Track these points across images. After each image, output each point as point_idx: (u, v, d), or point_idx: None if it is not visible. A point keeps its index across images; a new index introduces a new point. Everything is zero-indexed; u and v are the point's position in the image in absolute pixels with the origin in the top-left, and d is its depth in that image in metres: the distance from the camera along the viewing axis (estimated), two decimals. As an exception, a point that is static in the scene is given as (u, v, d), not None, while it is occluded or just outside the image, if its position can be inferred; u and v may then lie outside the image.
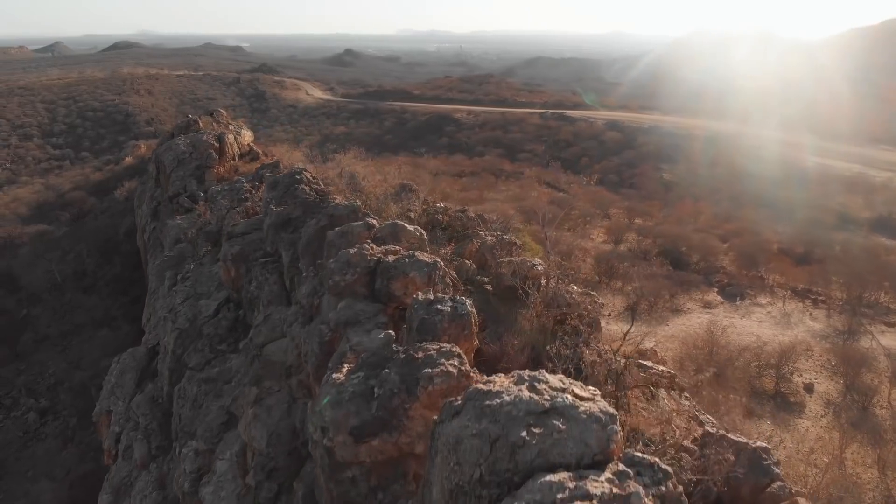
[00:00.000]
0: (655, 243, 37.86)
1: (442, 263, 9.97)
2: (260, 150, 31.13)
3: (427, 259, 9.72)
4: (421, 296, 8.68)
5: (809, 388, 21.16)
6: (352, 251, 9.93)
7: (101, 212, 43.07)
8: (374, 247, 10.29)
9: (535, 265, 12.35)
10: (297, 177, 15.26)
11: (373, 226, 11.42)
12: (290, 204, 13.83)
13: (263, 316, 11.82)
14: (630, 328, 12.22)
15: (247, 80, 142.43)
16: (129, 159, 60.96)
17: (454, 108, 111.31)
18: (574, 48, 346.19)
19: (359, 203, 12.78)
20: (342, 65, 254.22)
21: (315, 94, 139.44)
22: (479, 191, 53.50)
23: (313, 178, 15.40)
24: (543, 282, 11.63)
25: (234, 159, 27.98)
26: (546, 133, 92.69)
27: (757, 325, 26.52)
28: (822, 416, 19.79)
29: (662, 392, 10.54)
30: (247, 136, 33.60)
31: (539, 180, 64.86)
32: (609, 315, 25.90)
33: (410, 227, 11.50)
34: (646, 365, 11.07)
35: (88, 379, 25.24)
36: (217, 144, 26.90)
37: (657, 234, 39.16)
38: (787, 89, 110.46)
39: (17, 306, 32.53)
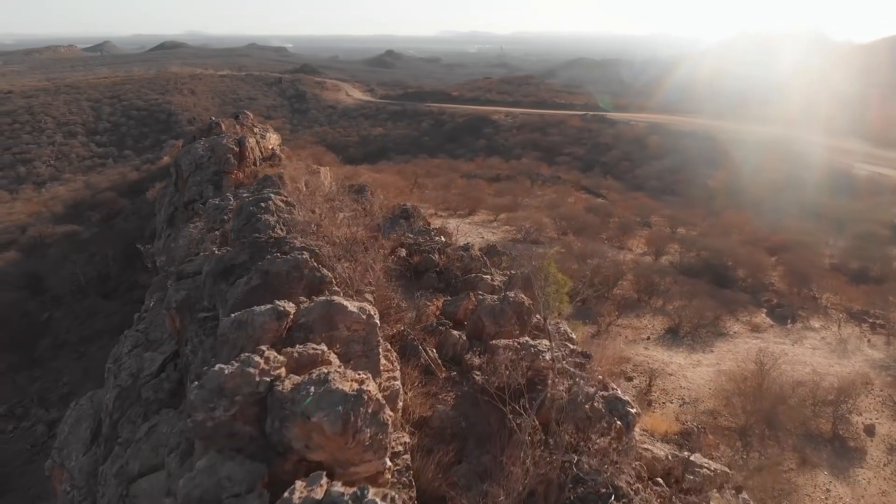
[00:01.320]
0: (699, 256, 35.48)
1: (374, 392, 6.10)
2: (284, 156, 29.83)
3: (346, 389, 5.87)
4: (317, 489, 5.09)
5: (870, 431, 18.84)
6: (228, 370, 6.06)
7: (130, 213, 42.54)
8: (273, 357, 6.40)
9: (540, 352, 9.23)
10: (262, 204, 12.06)
11: (286, 313, 7.45)
12: (238, 244, 10.61)
13: (148, 426, 8.34)
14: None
15: (288, 80, 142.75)
16: (165, 159, 60.78)
17: (492, 110, 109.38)
18: (617, 50, 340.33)
19: (315, 249, 9.60)
20: (383, 66, 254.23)
21: (355, 94, 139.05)
22: (514, 196, 51.57)
23: (286, 202, 12.71)
24: (550, 382, 8.69)
25: (254, 164, 26.70)
26: (586, 136, 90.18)
27: (811, 352, 24.17)
28: (884, 465, 17.52)
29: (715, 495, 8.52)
30: (272, 139, 32.38)
31: (577, 185, 62.63)
32: (648, 338, 23.88)
33: (353, 308, 7.56)
34: (695, 465, 8.94)
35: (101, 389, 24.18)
36: (237, 149, 25.64)
37: (701, 247, 36.72)
38: (836, 93, 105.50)
39: (40, 309, 31.92)
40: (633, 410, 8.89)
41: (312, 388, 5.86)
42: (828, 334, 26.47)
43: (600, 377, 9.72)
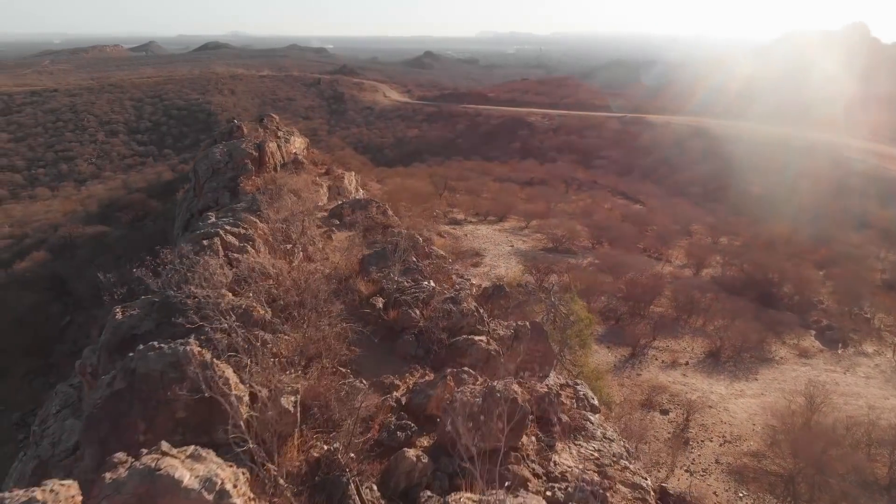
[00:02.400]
0: (742, 270, 33.35)
1: None
2: (306, 161, 28.73)
3: None
4: None
5: (935, 477, 16.76)
6: None
7: (159, 215, 42.08)
8: None
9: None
10: (206, 241, 10.11)
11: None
12: (145, 304, 8.51)
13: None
14: None
15: (327, 81, 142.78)
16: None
17: (528, 112, 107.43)
18: (658, 50, 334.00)
19: (240, 322, 7.46)
20: (421, 67, 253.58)
21: (392, 96, 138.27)
22: (547, 201, 49.77)
23: (243, 235, 10.83)
24: None
25: (274, 169, 25.62)
26: (624, 139, 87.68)
27: (864, 382, 22.09)
28: (951, 518, 15.54)
29: None
30: (297, 143, 31.34)
31: (614, 190, 60.47)
32: (686, 364, 22.06)
33: (191, 481, 4.53)
34: None
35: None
36: (255, 154, 24.57)
37: (744, 259, 34.55)
38: (885, 97, 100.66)
39: (62, 312, 31.45)
40: None
41: None
42: (882, 361, 24.31)
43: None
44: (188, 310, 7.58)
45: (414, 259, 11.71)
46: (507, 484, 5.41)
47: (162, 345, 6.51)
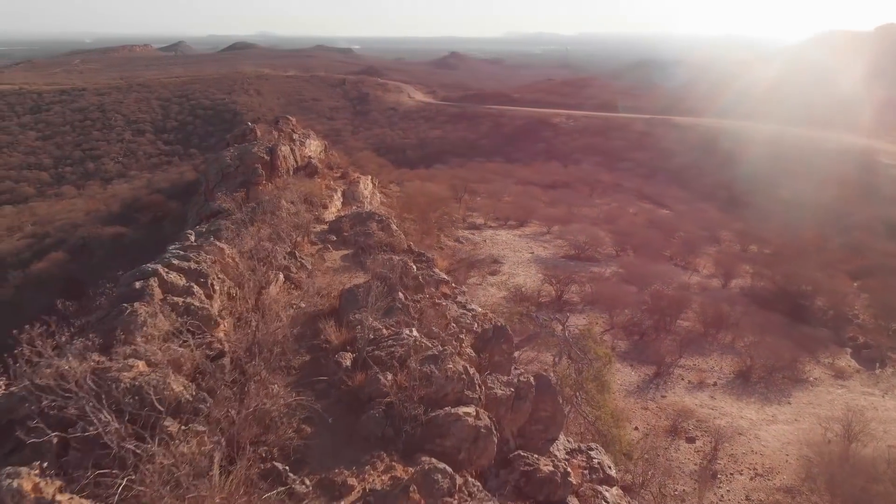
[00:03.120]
0: (773, 281, 31.82)
1: None
2: (321, 164, 27.95)
3: None
4: None
5: None
6: None
7: (178, 216, 41.62)
8: None
9: None
10: (139, 284, 8.78)
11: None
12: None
13: None
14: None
15: (352, 82, 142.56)
16: (221, 161, 60.11)
17: (553, 113, 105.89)
18: (684, 50, 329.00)
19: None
20: (446, 67, 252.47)
21: (416, 96, 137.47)
22: (569, 205, 48.51)
23: (194, 271, 9.17)
24: None
25: (287, 173, 24.87)
26: (650, 141, 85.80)
27: (906, 407, 20.60)
28: None
29: None
30: (313, 146, 30.60)
31: (639, 194, 58.89)
32: (714, 384, 20.79)
33: None
34: None
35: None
36: (267, 158, 23.85)
37: (775, 270, 32.97)
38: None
39: (75, 314, 30.99)
40: None
41: None
42: (924, 382, 22.80)
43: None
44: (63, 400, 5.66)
45: (401, 296, 10.20)
46: None
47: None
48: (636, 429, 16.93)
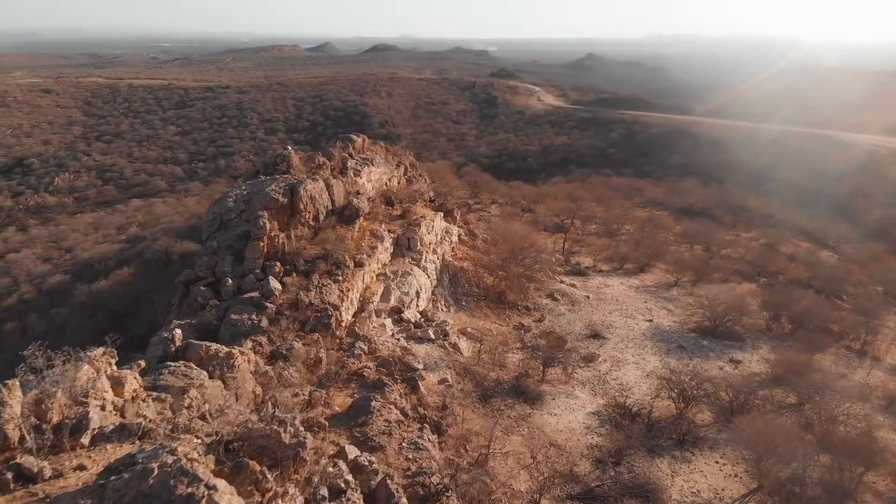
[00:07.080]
0: None
1: None
2: (369, 203, 20.88)
3: None
4: None
5: None
6: None
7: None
8: None
9: None
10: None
11: None
12: None
13: None
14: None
15: (481, 85, 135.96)
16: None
17: (692, 121, 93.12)
18: (839, 56, 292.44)
19: None
20: (582, 70, 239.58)
21: (547, 100, 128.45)
22: (706, 242, 38.33)
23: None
24: None
25: (315, 219, 18.02)
26: (804, 159, 71.37)
27: None
28: None
29: None
30: (374, 173, 23.62)
31: (795, 228, 46.77)
32: None
33: None
34: None
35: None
36: (284, 200, 17.08)
37: None
38: None
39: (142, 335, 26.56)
40: None
41: None
42: None
43: None
44: None
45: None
46: None
47: None
48: None
